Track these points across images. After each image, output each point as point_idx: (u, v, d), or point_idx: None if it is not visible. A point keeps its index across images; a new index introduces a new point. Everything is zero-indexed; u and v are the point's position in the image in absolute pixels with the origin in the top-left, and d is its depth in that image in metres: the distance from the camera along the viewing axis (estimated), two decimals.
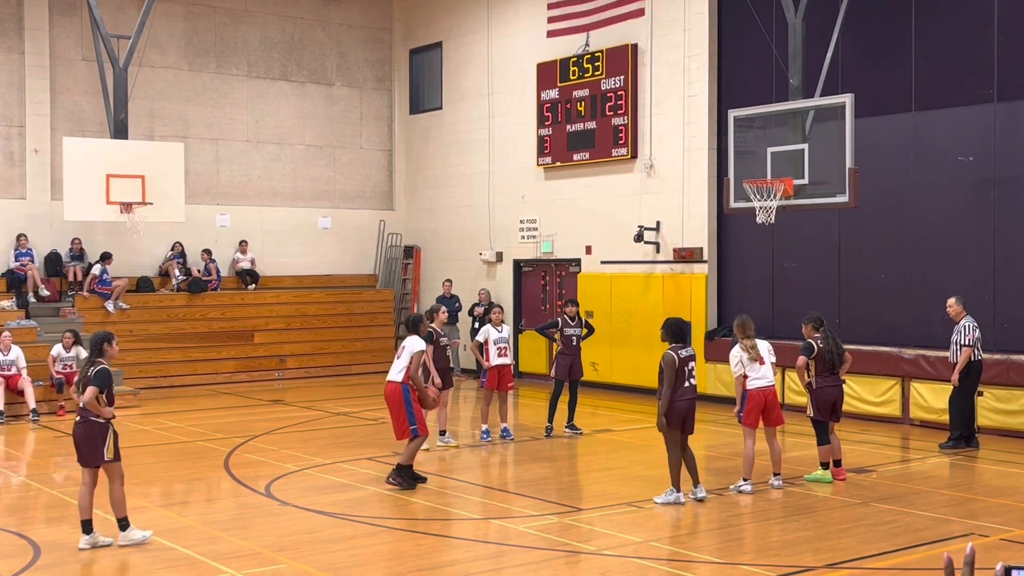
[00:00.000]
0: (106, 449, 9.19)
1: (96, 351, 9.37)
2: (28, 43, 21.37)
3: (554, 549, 9.27)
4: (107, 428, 9.24)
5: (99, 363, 9.28)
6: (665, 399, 10.68)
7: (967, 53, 15.92)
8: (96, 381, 9.14)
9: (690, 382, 10.75)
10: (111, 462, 9.26)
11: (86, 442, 9.26)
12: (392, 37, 25.70)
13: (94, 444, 9.21)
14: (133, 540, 9.30)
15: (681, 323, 11.01)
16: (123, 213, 18.04)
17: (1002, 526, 9.97)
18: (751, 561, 8.85)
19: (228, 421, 17.04)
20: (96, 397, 9.15)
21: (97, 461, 9.24)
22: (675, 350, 10.73)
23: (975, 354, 14.01)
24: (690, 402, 10.78)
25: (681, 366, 10.66)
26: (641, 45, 19.96)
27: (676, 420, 10.71)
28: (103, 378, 9.19)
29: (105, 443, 9.19)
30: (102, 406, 9.21)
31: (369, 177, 25.57)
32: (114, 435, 9.28)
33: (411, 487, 11.51)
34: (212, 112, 23.45)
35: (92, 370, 9.22)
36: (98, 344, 9.41)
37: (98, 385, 9.14)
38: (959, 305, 14.18)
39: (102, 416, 9.20)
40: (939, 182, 16.27)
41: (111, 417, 9.27)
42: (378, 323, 24.52)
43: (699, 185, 19.04)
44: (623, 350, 19.84)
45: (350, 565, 8.80)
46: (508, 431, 14.81)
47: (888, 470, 12.93)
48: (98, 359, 9.33)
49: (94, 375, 9.17)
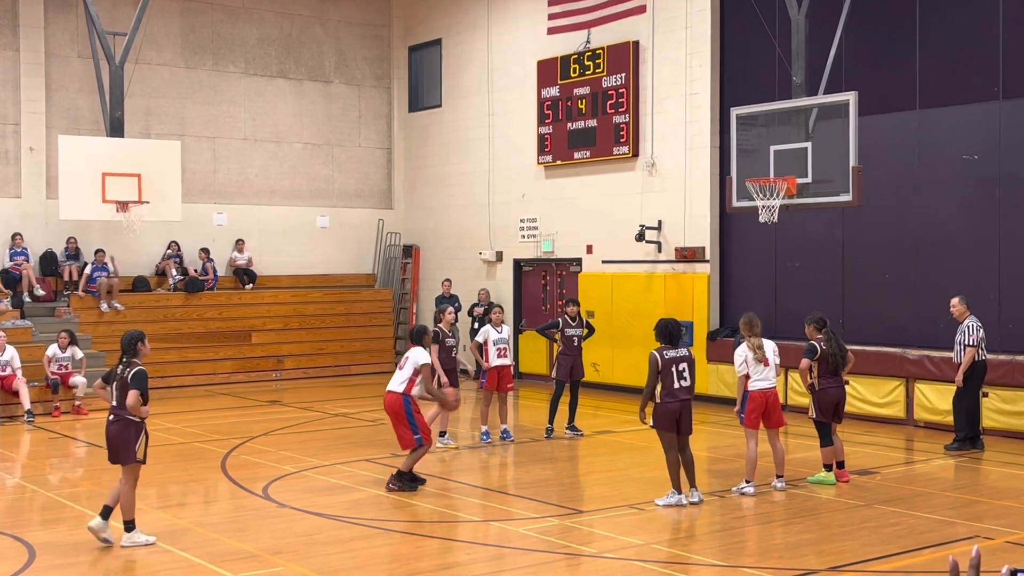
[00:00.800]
0: (137, 448, 9.31)
1: (131, 351, 9.43)
2: (23, 40, 21.24)
3: (554, 552, 9.16)
4: (141, 428, 9.34)
5: (135, 363, 9.34)
6: (644, 398, 10.73)
7: (972, 50, 15.80)
8: (136, 384, 9.20)
9: (681, 383, 10.65)
10: (137, 463, 9.35)
11: (119, 440, 9.35)
12: (391, 34, 25.59)
13: (127, 442, 9.31)
14: (136, 543, 9.29)
15: (671, 324, 10.93)
16: (119, 212, 17.91)
17: (1007, 528, 9.88)
18: (753, 564, 8.77)
19: (225, 422, 16.93)
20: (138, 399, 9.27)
21: (128, 459, 9.33)
22: (661, 351, 10.67)
23: (979, 354, 13.91)
24: (682, 403, 10.68)
25: (666, 367, 10.59)
26: (643, 42, 19.84)
27: (667, 422, 10.64)
28: (144, 379, 9.28)
29: (138, 442, 9.30)
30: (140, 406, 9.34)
31: (368, 176, 25.45)
32: (146, 436, 9.38)
33: (412, 489, 11.41)
34: (209, 110, 23.33)
35: (130, 372, 9.27)
36: (132, 344, 9.47)
37: (139, 387, 9.20)
38: (963, 305, 14.07)
39: (140, 416, 9.29)
40: (944, 180, 16.16)
41: (146, 417, 9.37)
42: (377, 323, 24.40)
43: (701, 184, 18.93)
44: (624, 351, 19.72)
45: (348, 568, 8.70)
46: (508, 432, 14.69)
47: (892, 472, 12.82)
48: (133, 359, 9.38)
49: (133, 377, 9.24)
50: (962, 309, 14.06)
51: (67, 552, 9.22)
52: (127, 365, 9.30)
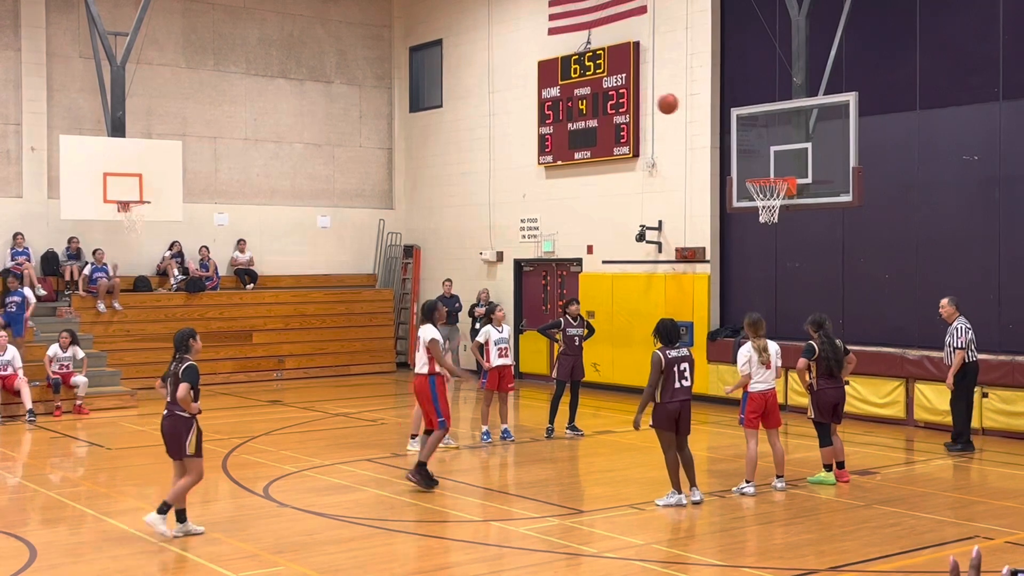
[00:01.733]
0: (188, 443, 9.48)
1: (183, 347, 9.63)
2: (25, 40, 21.26)
3: (555, 551, 9.17)
4: (192, 423, 9.51)
5: (187, 359, 9.55)
6: (644, 399, 10.73)
7: (972, 51, 15.81)
8: (187, 377, 9.40)
9: (682, 383, 10.66)
10: (192, 457, 9.52)
11: (171, 435, 9.57)
12: (392, 34, 25.60)
13: (178, 437, 9.51)
14: (189, 532, 9.56)
15: (671, 324, 10.94)
16: (120, 212, 17.93)
17: (1007, 529, 9.88)
18: (753, 564, 8.77)
19: (226, 422, 16.92)
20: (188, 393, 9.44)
21: (180, 454, 9.54)
22: (663, 350, 10.67)
23: (969, 356, 13.91)
24: (682, 403, 10.69)
25: (668, 367, 10.59)
26: (643, 43, 19.85)
27: (667, 422, 10.66)
28: (194, 374, 9.47)
29: (188, 437, 9.48)
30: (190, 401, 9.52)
31: (368, 176, 25.46)
32: (198, 431, 9.56)
33: (428, 487, 11.39)
34: (210, 110, 23.34)
35: (181, 367, 9.49)
36: (184, 340, 9.68)
37: (190, 381, 9.38)
38: (952, 306, 14.08)
39: (189, 411, 9.46)
40: (944, 181, 16.16)
41: (197, 412, 9.54)
42: (377, 323, 24.41)
43: (701, 184, 18.94)
44: (625, 351, 19.73)
45: (349, 567, 8.71)
46: (508, 432, 14.70)
47: (892, 472, 12.83)
48: (185, 355, 9.58)
49: (184, 372, 9.45)
50: (951, 310, 14.06)
51: (68, 552, 9.24)
52: (179, 361, 9.53)
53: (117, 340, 20.78)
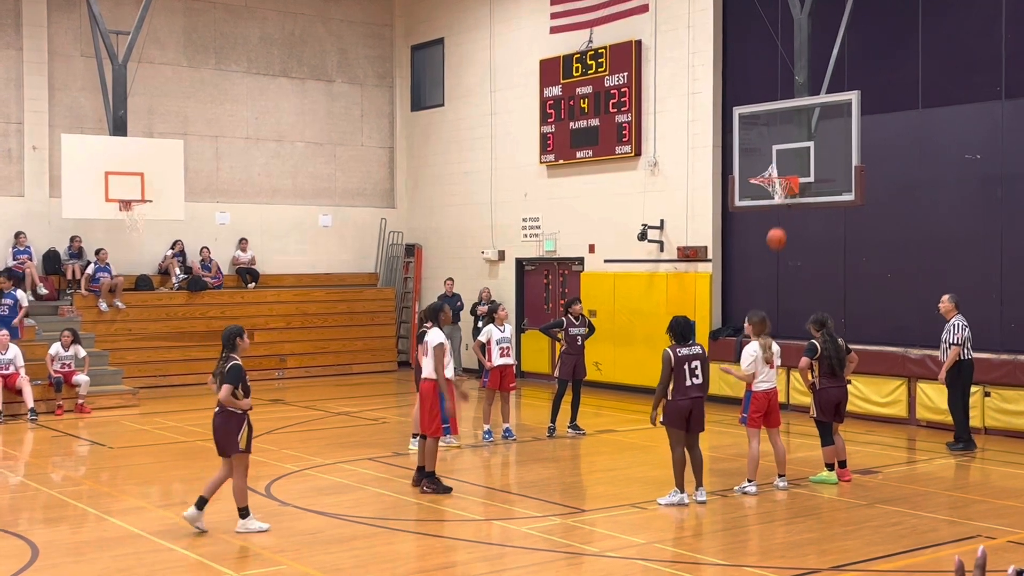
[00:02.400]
0: (240, 439, 9.52)
1: (229, 345, 9.72)
2: (26, 39, 21.26)
3: (556, 551, 9.17)
4: (243, 419, 9.56)
5: (232, 358, 9.60)
6: (656, 396, 10.73)
7: (974, 50, 15.79)
8: (230, 378, 9.47)
9: (693, 381, 10.66)
10: (242, 452, 9.56)
11: (221, 432, 9.60)
12: (393, 33, 25.59)
13: (229, 434, 9.57)
14: (250, 529, 9.59)
15: (684, 321, 10.93)
16: (122, 211, 17.93)
17: (1010, 528, 9.88)
18: (756, 563, 8.76)
19: None
20: (232, 392, 9.47)
21: (231, 450, 9.58)
22: (674, 348, 10.65)
23: (964, 353, 13.89)
24: (694, 401, 10.70)
25: (679, 365, 10.58)
26: (645, 41, 19.83)
27: (678, 419, 10.65)
28: (237, 373, 9.52)
29: (240, 433, 9.52)
30: (239, 399, 9.53)
31: (370, 174, 25.45)
32: (248, 427, 9.59)
33: (447, 491, 11.30)
34: (212, 109, 23.33)
35: (226, 366, 9.55)
36: (231, 339, 9.78)
37: (232, 382, 9.45)
38: (951, 303, 14.08)
39: (240, 408, 9.53)
40: (946, 180, 16.15)
41: (248, 408, 9.59)
42: (379, 322, 24.41)
43: (703, 183, 18.92)
44: (626, 350, 19.72)
45: (351, 566, 8.70)
46: (510, 431, 14.70)
47: (894, 471, 12.82)
48: (231, 354, 9.65)
49: (228, 371, 9.51)
50: (950, 307, 14.05)
51: (70, 550, 9.23)
52: (225, 360, 9.60)
53: (119, 339, 20.78)
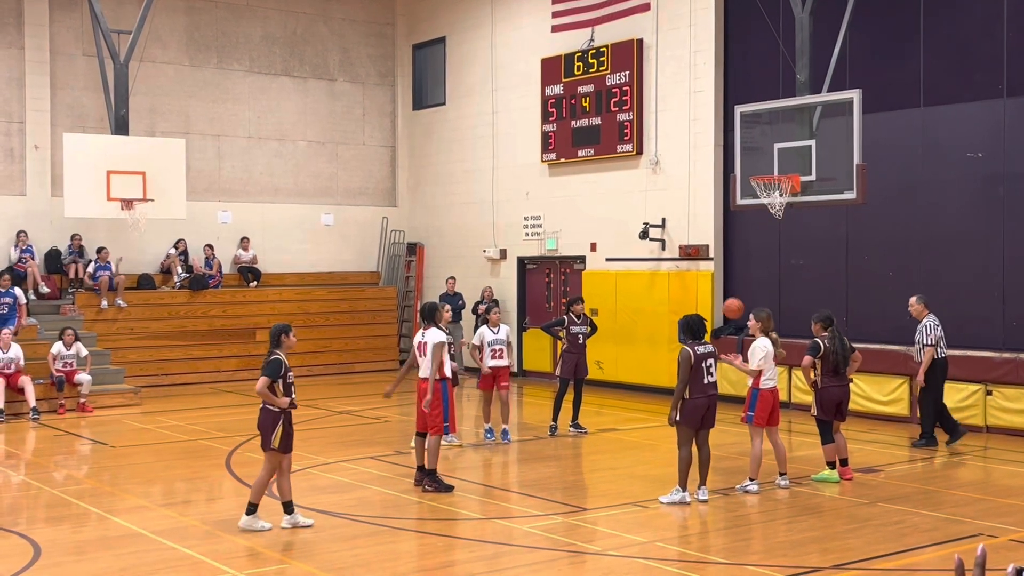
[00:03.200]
0: (274, 437, 9.52)
1: (275, 342, 9.71)
2: (28, 38, 21.27)
3: (558, 549, 9.17)
4: (279, 417, 9.54)
5: (275, 354, 9.60)
6: (677, 395, 10.65)
7: (976, 48, 15.78)
8: (267, 371, 9.48)
9: (709, 379, 10.66)
10: (273, 451, 9.56)
11: (260, 427, 9.64)
12: (395, 32, 25.59)
13: (265, 430, 9.60)
14: (253, 528, 9.59)
15: (699, 320, 10.93)
16: (124, 210, 17.93)
17: (1012, 526, 9.87)
18: (758, 561, 8.76)
19: (230, 419, 16.93)
20: (269, 386, 9.45)
21: (265, 446, 9.60)
22: (691, 346, 10.64)
23: (938, 353, 13.91)
24: (709, 399, 10.72)
25: (697, 363, 10.57)
26: (647, 40, 19.83)
27: (693, 418, 10.64)
28: (274, 368, 9.51)
29: (274, 431, 9.51)
30: (277, 396, 9.52)
31: (372, 173, 25.45)
32: (284, 426, 9.56)
33: (448, 490, 11.31)
34: (213, 108, 23.34)
35: (267, 359, 9.58)
36: (277, 335, 9.77)
37: (268, 375, 9.44)
38: (920, 304, 14.07)
39: (276, 405, 9.51)
40: (948, 178, 16.14)
41: (286, 407, 9.57)
42: (381, 321, 24.41)
43: (705, 182, 18.92)
44: (628, 348, 19.72)
45: (352, 565, 8.71)
46: (507, 433, 14.50)
47: (896, 470, 12.82)
48: (276, 350, 9.64)
49: (265, 365, 9.55)
50: (920, 308, 14.04)
51: (72, 550, 9.24)
52: (268, 355, 9.62)
53: (121, 338, 20.79)
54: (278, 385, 9.53)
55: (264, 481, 9.69)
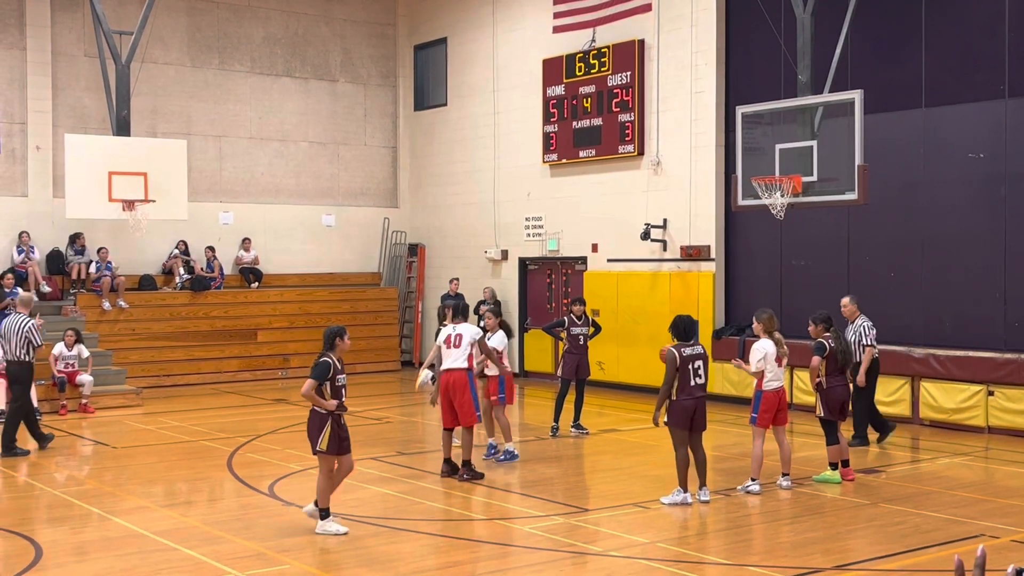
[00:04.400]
0: (320, 440, 9.45)
1: (329, 344, 9.68)
2: (30, 39, 21.28)
3: (560, 550, 9.17)
4: (326, 419, 9.47)
5: (325, 356, 9.57)
6: (661, 396, 10.67)
7: (978, 49, 15.77)
8: (314, 373, 9.42)
9: (696, 381, 10.64)
10: (321, 453, 9.49)
11: (308, 429, 9.59)
12: (396, 33, 25.59)
13: (312, 433, 9.51)
14: (327, 531, 9.48)
15: (687, 320, 10.89)
16: (125, 211, 17.94)
17: (1013, 527, 9.87)
18: (759, 562, 8.76)
19: (231, 420, 16.94)
20: (316, 389, 9.40)
21: (312, 449, 9.54)
22: (677, 348, 10.63)
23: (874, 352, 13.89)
24: (697, 401, 10.68)
25: (683, 364, 10.56)
26: (648, 41, 19.83)
27: (681, 419, 10.63)
28: (322, 370, 9.45)
29: (321, 434, 9.44)
30: (325, 398, 9.45)
31: (373, 174, 25.46)
32: (332, 429, 9.48)
33: (479, 477, 11.75)
34: (215, 109, 23.35)
35: (316, 361, 9.54)
36: (331, 338, 9.75)
37: (315, 378, 9.38)
38: (853, 305, 14.01)
39: (323, 408, 9.45)
40: (949, 179, 16.13)
41: (334, 409, 9.49)
42: (382, 321, 24.41)
43: (706, 182, 18.91)
44: (630, 349, 19.72)
45: (354, 565, 8.72)
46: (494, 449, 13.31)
47: (897, 470, 12.82)
48: (328, 352, 9.61)
49: (313, 367, 9.50)
50: (853, 308, 13.97)
51: (74, 550, 9.25)
52: (319, 356, 9.58)
53: (122, 339, 20.80)
54: (326, 388, 9.46)
55: (325, 485, 9.57)
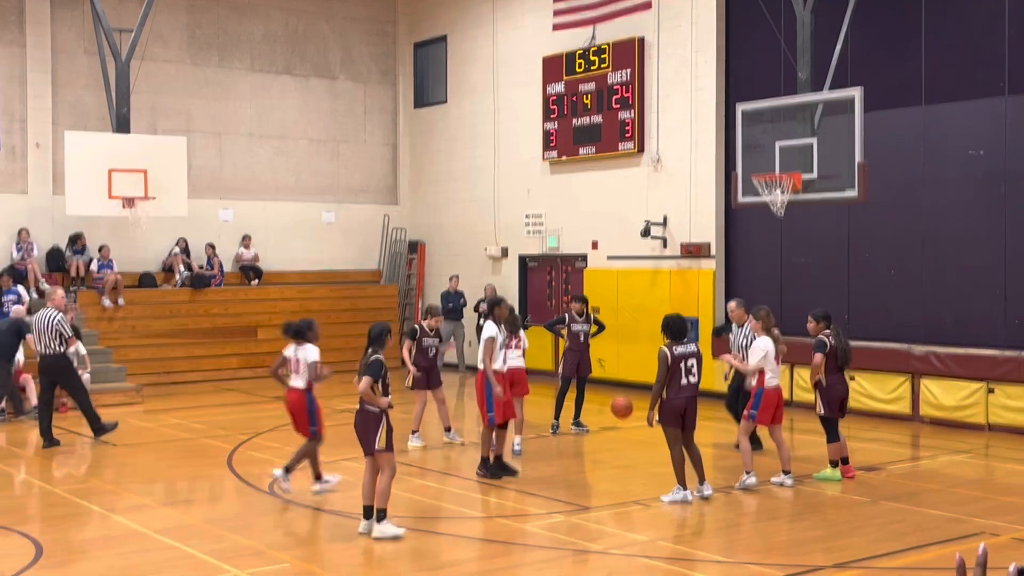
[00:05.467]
0: (378, 439, 9.38)
1: (378, 342, 9.59)
2: (29, 36, 21.26)
3: (561, 548, 9.17)
4: (381, 418, 9.41)
5: (377, 354, 9.48)
6: (654, 395, 10.67)
7: (978, 46, 15.76)
8: (370, 371, 9.33)
9: (688, 379, 10.62)
10: (382, 452, 9.39)
11: (360, 430, 9.47)
12: (396, 30, 25.57)
13: (367, 432, 9.41)
14: (386, 534, 9.36)
15: (679, 319, 10.88)
16: (125, 208, 17.93)
17: (1014, 525, 9.87)
18: (759, 560, 8.75)
19: (231, 418, 16.94)
20: (371, 387, 9.34)
21: (370, 449, 9.42)
22: (669, 346, 10.63)
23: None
24: (688, 400, 10.66)
25: (675, 363, 10.55)
26: (648, 38, 19.81)
27: (673, 417, 10.64)
28: (376, 368, 9.37)
29: (378, 432, 9.37)
30: (377, 396, 9.38)
31: (373, 171, 25.45)
32: (388, 426, 9.44)
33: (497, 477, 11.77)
34: (215, 106, 23.33)
35: (368, 359, 9.43)
36: (380, 336, 9.66)
37: (372, 375, 9.30)
38: (741, 309, 13.52)
39: (377, 406, 9.38)
40: (949, 176, 16.12)
41: (386, 407, 9.44)
42: (382, 319, 24.33)
43: (706, 179, 18.90)
44: (630, 346, 19.71)
45: (354, 564, 8.72)
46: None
47: (898, 468, 12.81)
48: (378, 350, 9.52)
49: (367, 365, 9.37)
50: (740, 313, 13.25)
51: (74, 548, 9.25)
52: (369, 354, 9.48)
53: (122, 336, 20.79)
54: (377, 385, 9.40)
55: (387, 485, 9.40)
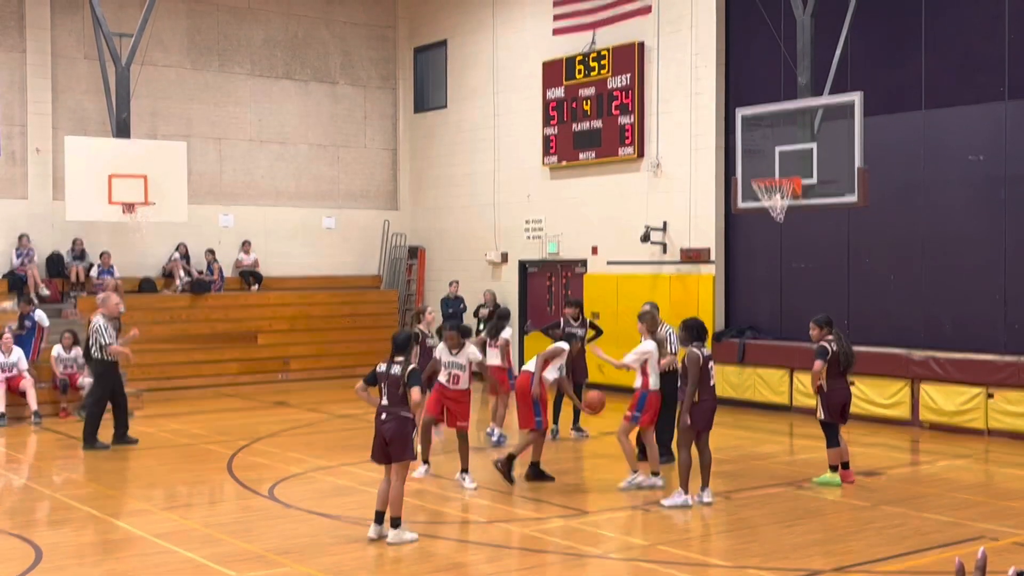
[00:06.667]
0: (412, 446, 9.47)
1: (408, 350, 9.56)
2: (30, 41, 21.29)
3: (559, 552, 9.16)
4: (414, 424, 9.47)
5: (409, 362, 9.47)
6: (687, 398, 10.64)
7: (978, 50, 15.78)
8: (415, 381, 9.26)
9: (712, 382, 10.73)
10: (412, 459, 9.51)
11: (398, 437, 9.34)
12: (396, 35, 25.60)
13: (405, 439, 9.35)
14: (403, 539, 9.37)
15: (700, 323, 10.99)
16: (125, 213, 17.92)
17: (1013, 529, 9.87)
18: (759, 564, 8.75)
19: (231, 423, 16.93)
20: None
21: (405, 455, 9.38)
22: (699, 348, 10.66)
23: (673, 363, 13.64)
24: (715, 401, 10.80)
25: (705, 365, 10.59)
26: (648, 43, 19.83)
27: (704, 420, 10.66)
28: (418, 377, 9.39)
29: (411, 440, 9.44)
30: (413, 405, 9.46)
31: (373, 176, 25.46)
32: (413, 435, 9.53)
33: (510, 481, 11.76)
34: (215, 111, 23.36)
35: (406, 370, 9.35)
36: (407, 343, 9.60)
37: (418, 384, 9.29)
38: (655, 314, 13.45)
39: (415, 414, 9.45)
40: (949, 181, 16.13)
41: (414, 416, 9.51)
42: (382, 324, 24.34)
43: (706, 185, 18.91)
44: (629, 351, 19.64)
45: (353, 568, 8.71)
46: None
47: (897, 473, 12.81)
48: (407, 358, 9.51)
49: (410, 375, 9.31)
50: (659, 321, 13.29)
51: (74, 553, 9.24)
52: (395, 363, 9.40)
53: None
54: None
55: (402, 492, 9.43)
